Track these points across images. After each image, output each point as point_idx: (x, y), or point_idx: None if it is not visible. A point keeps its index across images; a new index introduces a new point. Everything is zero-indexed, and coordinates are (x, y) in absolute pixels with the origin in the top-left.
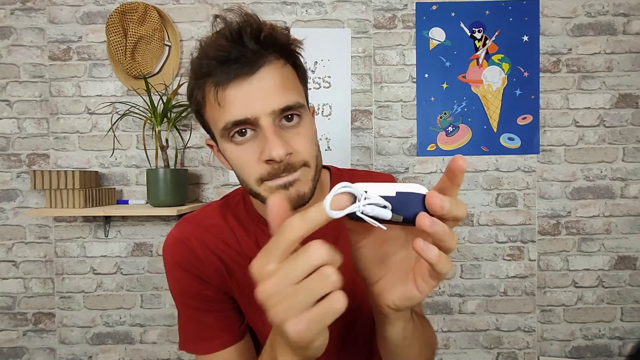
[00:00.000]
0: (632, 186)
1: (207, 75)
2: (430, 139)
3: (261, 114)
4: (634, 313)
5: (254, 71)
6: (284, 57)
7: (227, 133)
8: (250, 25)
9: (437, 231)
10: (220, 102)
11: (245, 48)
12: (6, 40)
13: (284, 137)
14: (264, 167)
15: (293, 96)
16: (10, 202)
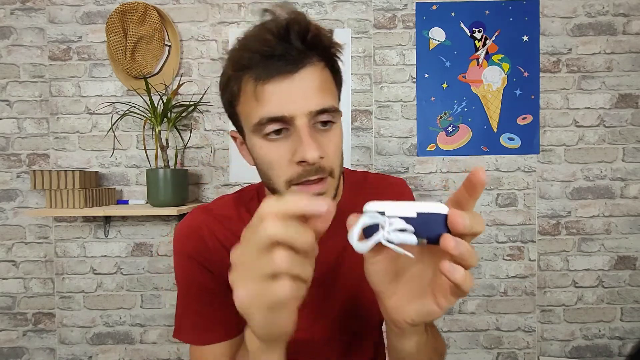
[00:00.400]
0: (632, 186)
1: (247, 68)
2: (430, 139)
3: (298, 114)
4: (634, 313)
5: (296, 70)
6: (324, 59)
7: (260, 129)
8: (299, 23)
9: (462, 252)
10: (258, 97)
11: (290, 46)
12: (6, 40)
13: (318, 141)
14: (295, 168)
15: (330, 100)
16: (10, 202)
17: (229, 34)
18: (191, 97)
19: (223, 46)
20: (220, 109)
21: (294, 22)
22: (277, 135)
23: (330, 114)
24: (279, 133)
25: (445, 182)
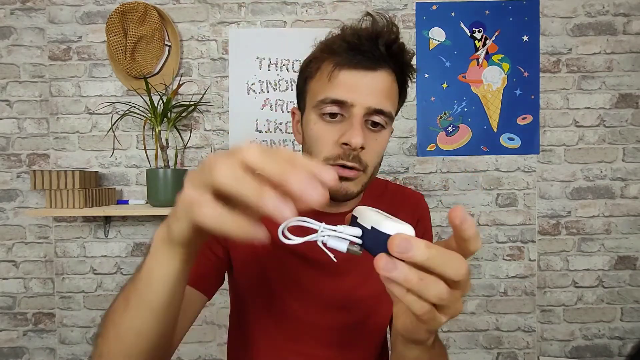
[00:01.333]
0: (632, 186)
1: (334, 53)
2: (430, 139)
3: (359, 104)
4: (634, 313)
5: (372, 68)
6: (396, 73)
7: (321, 106)
8: (389, 33)
9: (395, 277)
10: (332, 79)
11: (376, 48)
12: (6, 40)
13: (365, 133)
14: (337, 149)
15: (389, 106)
16: (10, 202)
17: (229, 34)
18: (191, 97)
19: (223, 46)
20: (220, 109)
21: (386, 30)
22: (331, 118)
23: (385, 118)
24: (334, 117)
25: (445, 182)
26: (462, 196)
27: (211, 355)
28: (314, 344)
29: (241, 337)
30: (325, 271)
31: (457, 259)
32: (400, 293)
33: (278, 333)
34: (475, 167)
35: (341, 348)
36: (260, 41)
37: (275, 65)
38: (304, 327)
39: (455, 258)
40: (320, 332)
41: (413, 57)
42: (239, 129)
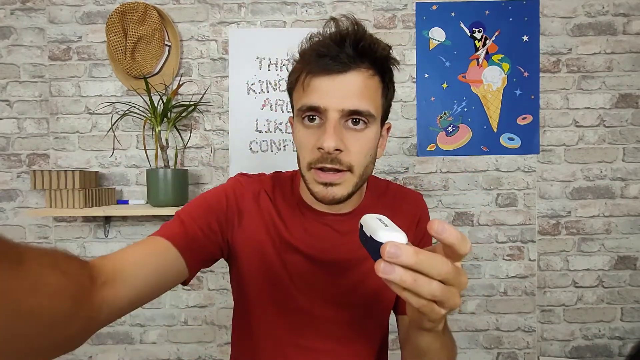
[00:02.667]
0: (632, 186)
1: (306, 62)
2: (430, 139)
3: (331, 108)
4: (634, 313)
5: (342, 71)
6: (374, 68)
7: (300, 114)
8: (355, 33)
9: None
10: (305, 88)
11: (342, 51)
12: (6, 40)
13: (341, 135)
14: (315, 153)
15: (366, 105)
16: (10, 202)
17: (229, 34)
18: (191, 97)
19: (223, 46)
20: (220, 109)
21: (351, 32)
22: (310, 122)
23: (363, 116)
24: (313, 121)
25: (445, 182)
26: (462, 196)
27: (211, 356)
28: (316, 338)
29: (245, 330)
30: (327, 268)
31: (440, 261)
32: (399, 290)
33: (281, 326)
34: (475, 167)
35: (343, 342)
36: (260, 41)
37: (275, 65)
38: (307, 321)
39: (439, 260)
40: (323, 326)
41: (388, 50)
42: (239, 129)
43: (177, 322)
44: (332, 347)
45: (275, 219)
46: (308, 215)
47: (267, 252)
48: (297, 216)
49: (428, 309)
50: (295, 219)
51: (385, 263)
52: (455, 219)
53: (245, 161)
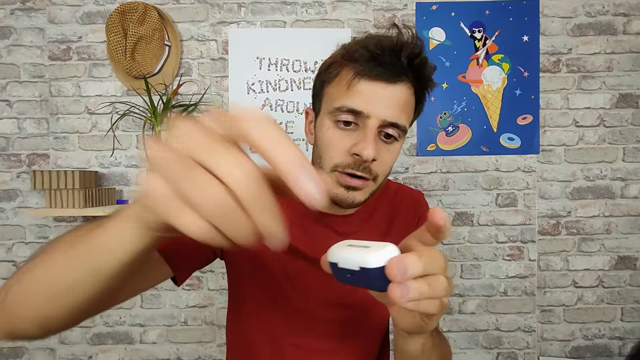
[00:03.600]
0: (632, 186)
1: (355, 61)
2: (430, 139)
3: (374, 115)
4: (634, 313)
5: (392, 81)
6: (415, 86)
7: (336, 113)
8: (413, 47)
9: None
10: (350, 87)
11: (398, 61)
12: (6, 40)
13: (378, 146)
14: (347, 158)
15: (404, 120)
16: (10, 202)
17: (229, 34)
18: (191, 97)
19: (223, 46)
20: (220, 109)
21: (409, 44)
22: (345, 126)
23: (399, 131)
24: (348, 125)
25: (445, 182)
26: (462, 196)
27: (211, 356)
28: (313, 337)
29: (240, 329)
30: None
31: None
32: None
33: (277, 326)
34: (475, 167)
35: (341, 341)
36: (260, 41)
37: (275, 65)
38: (304, 321)
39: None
40: (320, 326)
41: (434, 72)
42: None
43: (177, 322)
44: (332, 347)
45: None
46: (307, 214)
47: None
48: (297, 214)
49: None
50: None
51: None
52: (455, 219)
53: None
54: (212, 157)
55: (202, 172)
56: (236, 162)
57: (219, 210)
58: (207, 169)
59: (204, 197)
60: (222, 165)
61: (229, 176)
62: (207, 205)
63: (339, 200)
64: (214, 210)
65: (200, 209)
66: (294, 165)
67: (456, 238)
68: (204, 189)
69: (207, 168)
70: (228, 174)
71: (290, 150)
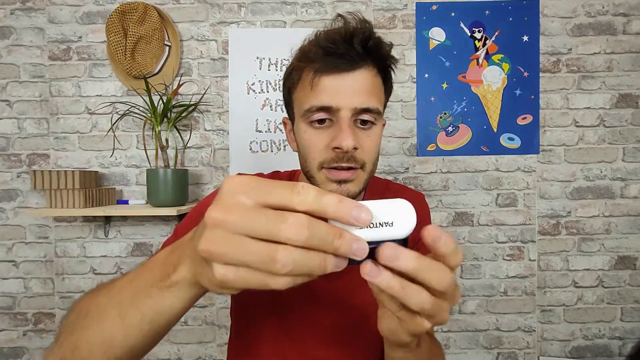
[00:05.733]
0: (632, 186)
1: (311, 61)
2: (430, 139)
3: (344, 107)
4: (634, 313)
5: (351, 69)
6: (377, 67)
7: (308, 115)
8: (363, 31)
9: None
10: (313, 87)
11: (352, 48)
12: (6, 40)
13: (356, 134)
14: (330, 153)
15: (375, 102)
16: (10, 202)
17: (229, 34)
18: (191, 97)
19: (223, 46)
20: (220, 109)
21: (359, 29)
22: (320, 125)
23: (373, 115)
24: (323, 122)
25: (445, 182)
26: (462, 196)
27: (211, 356)
28: (315, 344)
29: (243, 335)
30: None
31: (442, 270)
32: (383, 297)
33: (281, 332)
34: (475, 167)
35: (342, 348)
36: (260, 41)
37: (275, 65)
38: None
39: (441, 269)
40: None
41: (392, 49)
42: (239, 129)
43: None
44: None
45: None
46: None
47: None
48: None
49: (411, 321)
50: None
51: (371, 265)
52: (455, 219)
53: (245, 161)
54: (272, 224)
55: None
56: (292, 221)
57: (300, 267)
58: (267, 235)
59: (285, 262)
60: (283, 230)
61: (294, 236)
62: (290, 267)
63: None
64: (297, 268)
65: (285, 271)
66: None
67: (456, 238)
68: (280, 255)
69: (266, 235)
70: (290, 233)
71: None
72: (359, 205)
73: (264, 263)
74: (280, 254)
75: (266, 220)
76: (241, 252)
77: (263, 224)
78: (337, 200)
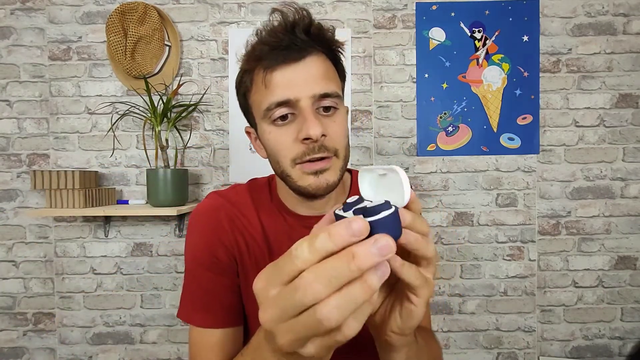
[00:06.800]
0: (632, 186)
1: (259, 59)
2: (430, 139)
3: (303, 97)
4: (634, 313)
5: (300, 58)
6: (326, 52)
7: (269, 114)
8: (304, 18)
9: (408, 241)
10: (267, 84)
11: (296, 38)
12: (6, 40)
13: (321, 121)
14: (300, 147)
15: (333, 86)
16: (10, 202)
17: (229, 34)
18: (191, 97)
19: (223, 46)
20: (220, 109)
21: (299, 18)
22: (283, 121)
23: (333, 99)
24: (285, 119)
25: (445, 182)
26: (462, 196)
27: None
28: None
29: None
30: None
31: (423, 221)
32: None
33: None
34: (475, 167)
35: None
36: None
37: None
38: None
39: (423, 220)
40: None
41: (334, 32)
42: (239, 129)
43: (177, 322)
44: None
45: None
46: (291, 222)
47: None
48: (280, 225)
49: (428, 285)
50: (278, 228)
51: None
52: (455, 219)
53: (245, 161)
54: (297, 295)
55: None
56: (304, 283)
57: (347, 306)
58: (302, 306)
59: (328, 315)
60: (306, 296)
61: (317, 294)
62: (336, 315)
63: (314, 189)
64: (345, 310)
65: (335, 322)
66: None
67: (456, 238)
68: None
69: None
70: (311, 294)
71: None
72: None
73: (316, 329)
74: (319, 313)
75: (291, 295)
76: (301, 331)
77: (293, 300)
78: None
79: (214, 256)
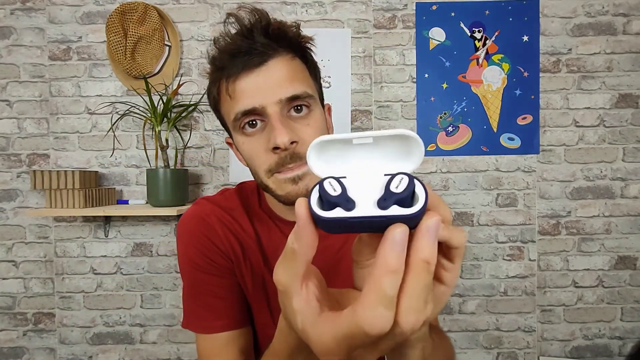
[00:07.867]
0: (632, 186)
1: (221, 69)
2: (430, 139)
3: (268, 103)
4: (634, 313)
5: (262, 62)
6: (292, 51)
7: (238, 124)
8: (260, 21)
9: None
10: (231, 94)
11: (254, 42)
12: (6, 40)
13: (291, 127)
14: (272, 157)
15: (301, 87)
16: (10, 202)
17: None
18: (191, 97)
19: None
20: None
21: (256, 20)
22: (252, 129)
23: (304, 100)
24: (254, 126)
25: (445, 182)
26: (462, 196)
27: None
28: None
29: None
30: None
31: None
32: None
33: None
34: (475, 167)
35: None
36: None
37: None
38: None
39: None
40: None
41: (298, 28)
42: None
43: (177, 322)
44: None
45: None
46: (283, 228)
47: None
48: (273, 232)
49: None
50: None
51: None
52: (455, 219)
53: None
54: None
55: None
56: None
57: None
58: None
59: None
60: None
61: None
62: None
63: (295, 197)
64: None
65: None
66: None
67: None
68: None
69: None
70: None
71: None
72: (391, 244)
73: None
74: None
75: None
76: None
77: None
78: (391, 276)
79: (211, 259)
